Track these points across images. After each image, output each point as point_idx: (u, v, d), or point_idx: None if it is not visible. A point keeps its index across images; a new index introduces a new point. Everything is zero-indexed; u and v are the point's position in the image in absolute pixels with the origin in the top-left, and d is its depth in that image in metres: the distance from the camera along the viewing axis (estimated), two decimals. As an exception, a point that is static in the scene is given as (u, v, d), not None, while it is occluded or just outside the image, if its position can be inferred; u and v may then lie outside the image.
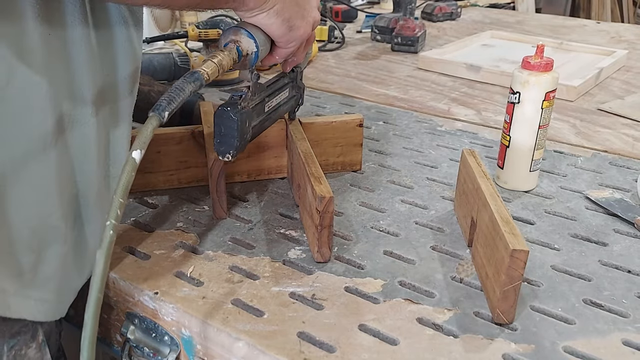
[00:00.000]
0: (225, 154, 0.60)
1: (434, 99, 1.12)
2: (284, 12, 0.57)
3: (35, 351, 0.51)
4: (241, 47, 0.57)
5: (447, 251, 0.65)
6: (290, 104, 0.74)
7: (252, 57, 0.59)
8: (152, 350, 0.59)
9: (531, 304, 0.57)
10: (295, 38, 0.61)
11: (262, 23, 0.58)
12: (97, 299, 0.40)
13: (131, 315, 0.60)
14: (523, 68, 0.73)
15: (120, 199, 0.42)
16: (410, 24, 1.44)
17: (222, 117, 0.59)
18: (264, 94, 0.66)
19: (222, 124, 0.59)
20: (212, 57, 0.55)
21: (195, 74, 0.51)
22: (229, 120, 0.59)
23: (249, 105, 0.61)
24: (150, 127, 0.45)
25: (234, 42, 0.57)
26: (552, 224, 0.71)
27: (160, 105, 0.47)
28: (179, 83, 0.49)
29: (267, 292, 0.58)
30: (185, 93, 0.49)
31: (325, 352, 0.51)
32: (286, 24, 0.58)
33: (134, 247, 0.65)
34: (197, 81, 0.51)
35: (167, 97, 0.47)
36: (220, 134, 0.59)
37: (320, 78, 1.23)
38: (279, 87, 0.70)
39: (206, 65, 0.53)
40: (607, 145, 0.93)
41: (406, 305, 0.56)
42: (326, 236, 0.61)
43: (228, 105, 0.59)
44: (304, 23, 0.61)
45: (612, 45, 1.51)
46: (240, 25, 0.58)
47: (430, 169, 0.84)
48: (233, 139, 0.59)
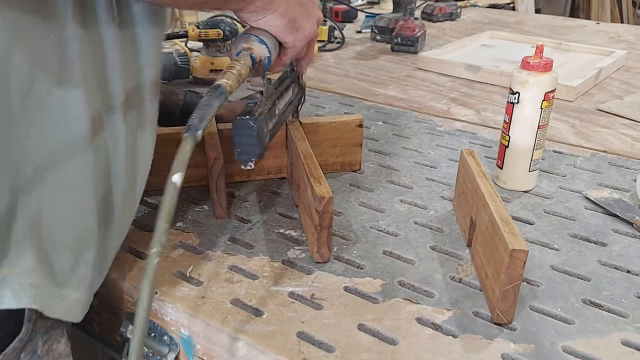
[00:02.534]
0: (247, 162, 0.60)
1: (434, 99, 1.12)
2: (289, 12, 0.58)
3: (64, 346, 0.51)
4: (254, 54, 0.57)
5: (447, 251, 0.65)
6: (295, 103, 0.74)
7: (266, 63, 0.59)
8: (152, 350, 0.59)
9: (530, 304, 0.57)
10: (302, 38, 0.61)
11: (269, 25, 0.58)
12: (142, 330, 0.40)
13: (131, 315, 0.60)
14: (522, 68, 0.73)
15: (164, 224, 0.42)
16: (410, 24, 1.44)
17: (241, 127, 0.59)
18: (274, 97, 0.66)
19: (241, 134, 0.59)
20: (230, 67, 0.54)
21: (219, 89, 0.50)
22: (248, 129, 0.58)
23: (264, 110, 0.62)
24: (188, 148, 0.45)
25: (246, 49, 0.57)
26: (552, 224, 0.71)
27: (192, 125, 0.47)
28: (206, 100, 0.49)
29: (266, 291, 0.58)
30: (214, 108, 0.49)
31: (325, 352, 0.51)
32: (292, 24, 0.59)
33: (133, 247, 0.65)
34: (223, 95, 0.50)
35: (198, 116, 0.47)
36: (241, 144, 0.59)
37: (320, 78, 1.23)
38: (285, 88, 0.70)
39: (227, 77, 0.53)
40: (606, 145, 0.93)
41: (405, 305, 0.56)
42: (325, 237, 0.61)
43: (246, 115, 0.59)
44: (310, 22, 0.61)
45: (611, 45, 1.51)
46: (250, 32, 0.59)
47: (429, 169, 0.84)
48: (254, 147, 0.59)
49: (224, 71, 0.54)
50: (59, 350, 0.51)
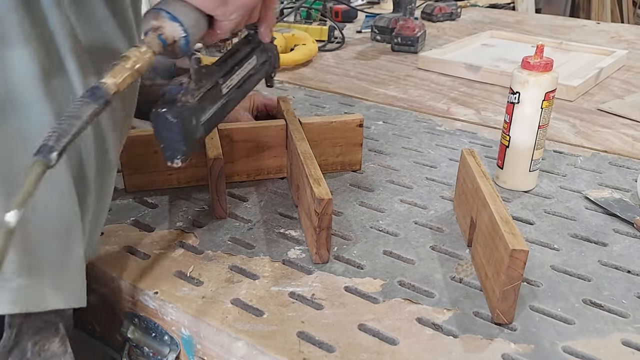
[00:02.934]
0: (174, 160, 0.51)
1: (434, 99, 1.12)
2: None
3: (58, 345, 0.50)
4: (164, 35, 0.47)
5: (447, 251, 0.65)
6: (263, 70, 0.65)
7: (182, 43, 0.48)
8: (152, 350, 0.59)
9: (531, 304, 0.57)
10: (235, 9, 0.51)
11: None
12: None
13: (131, 315, 0.60)
14: (523, 68, 0.73)
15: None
16: (410, 24, 1.44)
17: (158, 120, 0.49)
18: (217, 75, 0.56)
19: (161, 128, 0.50)
20: (124, 59, 0.43)
21: (96, 92, 0.40)
22: (167, 123, 0.49)
23: (195, 97, 0.52)
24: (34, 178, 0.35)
25: (155, 29, 0.47)
26: (552, 224, 0.71)
27: (46, 145, 0.36)
28: (74, 108, 0.38)
29: (266, 291, 0.58)
30: (82, 120, 0.38)
31: (325, 351, 0.51)
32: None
33: (133, 246, 0.65)
34: (100, 100, 0.40)
35: (55, 132, 0.37)
36: (162, 138, 0.50)
37: (320, 78, 1.23)
38: (240, 59, 0.60)
39: (113, 74, 0.42)
40: (606, 145, 0.93)
41: (405, 305, 0.56)
42: (324, 238, 0.60)
43: (164, 107, 0.49)
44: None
45: (612, 45, 1.51)
46: (162, 6, 0.48)
47: (429, 168, 0.84)
48: (178, 143, 0.50)
49: (113, 63, 0.43)
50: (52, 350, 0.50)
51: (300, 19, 1.56)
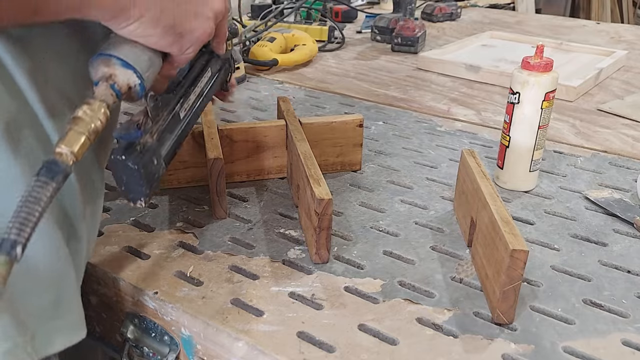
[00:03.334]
0: (137, 201, 0.48)
1: (434, 99, 1.12)
2: (163, 18, 0.44)
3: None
4: (117, 84, 0.44)
5: (447, 251, 0.65)
6: (219, 78, 0.63)
7: (138, 90, 0.45)
8: (152, 350, 0.59)
9: (531, 304, 0.57)
10: (190, 44, 0.49)
11: (137, 37, 0.44)
12: None
13: (131, 315, 0.60)
14: (523, 68, 0.73)
15: None
16: (410, 24, 1.44)
17: (117, 167, 0.46)
18: (173, 102, 0.53)
19: (121, 174, 0.46)
20: (75, 122, 0.40)
21: (53, 167, 0.36)
22: (128, 169, 0.46)
23: (153, 136, 0.49)
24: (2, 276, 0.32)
25: (107, 78, 0.44)
26: (552, 224, 0.71)
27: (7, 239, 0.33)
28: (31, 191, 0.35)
29: (266, 292, 0.58)
30: (43, 202, 0.35)
31: (325, 352, 0.51)
32: (172, 31, 0.46)
33: (133, 247, 0.65)
34: (58, 175, 0.36)
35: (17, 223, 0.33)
36: (124, 182, 0.47)
37: (320, 78, 1.23)
38: (195, 77, 0.57)
39: (66, 142, 0.38)
40: (606, 146, 0.93)
41: (406, 306, 0.56)
42: (324, 238, 0.60)
43: (122, 153, 0.45)
44: (199, 22, 0.48)
45: (612, 45, 1.51)
46: (111, 51, 0.44)
47: (429, 169, 0.84)
48: (141, 187, 0.47)
49: (66, 128, 0.39)
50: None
51: (300, 19, 1.56)
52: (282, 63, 1.25)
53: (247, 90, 1.15)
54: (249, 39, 1.33)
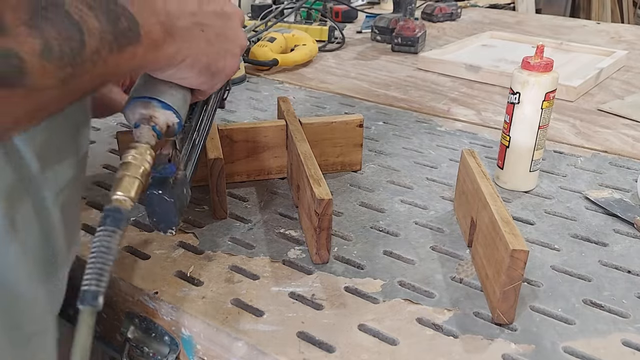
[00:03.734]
0: (168, 230, 0.50)
1: (434, 99, 1.12)
2: (200, 59, 0.46)
3: None
4: (158, 125, 0.46)
5: (447, 251, 0.65)
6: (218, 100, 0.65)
7: (176, 128, 0.48)
8: (152, 350, 0.59)
9: (531, 304, 0.57)
10: (220, 80, 0.51)
11: (175, 79, 0.47)
12: None
13: (131, 315, 0.60)
14: (523, 68, 0.73)
15: None
16: (410, 24, 1.44)
17: (154, 202, 0.48)
18: (191, 132, 0.55)
19: (156, 208, 0.48)
20: (127, 167, 0.42)
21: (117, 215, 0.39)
22: (164, 203, 0.47)
23: (181, 167, 0.51)
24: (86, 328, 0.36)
25: (147, 119, 0.46)
26: (552, 224, 0.71)
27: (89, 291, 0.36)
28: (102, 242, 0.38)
29: (266, 292, 0.58)
30: (114, 250, 0.38)
31: (325, 352, 0.51)
32: (207, 70, 0.48)
33: (133, 247, 0.65)
34: (123, 222, 0.39)
35: (94, 276, 0.37)
36: (157, 214, 0.48)
37: (320, 78, 1.23)
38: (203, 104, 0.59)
39: (123, 189, 0.40)
40: (607, 146, 0.93)
41: (406, 306, 0.56)
42: (324, 238, 0.60)
43: (159, 188, 0.47)
44: (228, 60, 0.51)
45: (612, 45, 1.51)
46: (149, 94, 0.46)
47: (429, 169, 0.84)
48: (174, 217, 0.49)
49: (118, 174, 0.41)
50: None
51: (300, 19, 1.56)
52: (282, 63, 1.25)
53: (247, 91, 1.15)
54: (249, 39, 1.33)
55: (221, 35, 0.49)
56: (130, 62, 0.38)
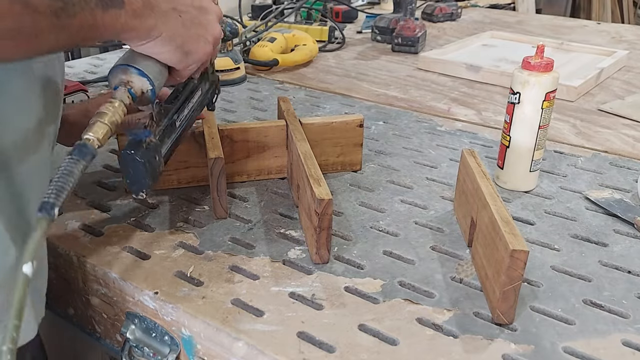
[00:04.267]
0: (139, 193, 0.56)
1: (434, 99, 1.12)
2: (175, 38, 0.53)
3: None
4: (134, 89, 0.53)
5: (447, 251, 0.65)
6: (206, 99, 0.70)
7: (149, 95, 0.54)
8: (152, 350, 0.59)
9: (531, 304, 0.57)
10: (193, 62, 0.57)
11: (152, 52, 0.53)
12: None
13: (131, 315, 0.60)
14: (523, 68, 0.73)
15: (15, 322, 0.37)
16: (410, 24, 1.44)
17: (127, 161, 0.53)
18: (172, 112, 0.61)
19: (129, 167, 0.54)
20: (100, 115, 0.48)
21: (83, 149, 0.45)
22: (135, 163, 0.53)
23: (156, 137, 0.57)
24: (40, 232, 0.40)
25: (125, 83, 0.52)
26: (552, 225, 0.71)
27: (47, 202, 0.41)
28: (67, 165, 0.43)
29: (266, 292, 0.58)
30: (76, 175, 0.43)
31: (325, 352, 0.51)
32: (180, 49, 0.54)
33: (134, 247, 0.65)
34: (88, 156, 0.45)
35: (54, 189, 0.41)
36: (130, 175, 0.54)
37: (321, 78, 1.23)
38: (188, 94, 0.65)
39: (94, 130, 0.47)
40: (607, 146, 0.93)
41: (406, 306, 0.56)
42: (325, 238, 0.60)
43: (131, 148, 0.53)
44: (201, 45, 0.57)
45: (613, 45, 1.51)
46: (128, 62, 0.53)
47: (430, 169, 0.84)
48: (144, 179, 0.54)
49: (91, 120, 0.48)
50: None
51: (300, 20, 1.56)
52: (282, 63, 1.25)
53: (248, 91, 1.15)
54: (250, 39, 1.33)
55: (196, 22, 0.56)
56: (114, 24, 0.45)
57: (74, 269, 0.64)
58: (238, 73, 1.18)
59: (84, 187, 0.76)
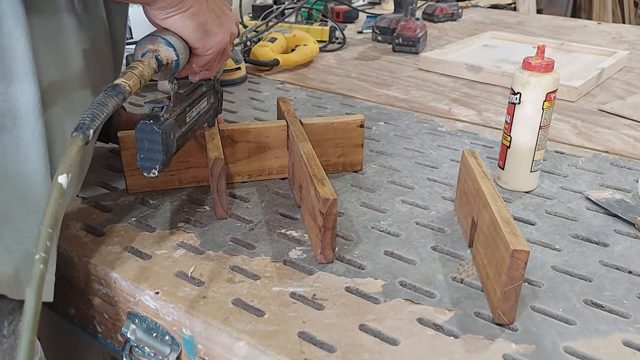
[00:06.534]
0: (151, 170, 0.57)
1: (435, 100, 1.12)
2: (199, 15, 0.57)
3: None
4: (160, 57, 0.55)
5: (448, 251, 0.65)
6: (210, 112, 0.72)
7: (173, 66, 0.57)
8: (153, 350, 0.59)
9: (532, 304, 0.57)
10: (213, 44, 0.60)
11: (177, 26, 0.56)
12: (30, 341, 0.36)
13: (132, 314, 0.60)
14: (524, 69, 0.73)
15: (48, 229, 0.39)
16: (411, 24, 1.44)
17: (144, 130, 0.56)
18: (185, 104, 0.63)
19: (145, 138, 0.56)
20: (132, 68, 0.52)
21: (116, 88, 0.49)
22: (153, 133, 0.55)
23: (171, 116, 0.59)
24: (75, 148, 0.44)
25: (152, 51, 0.55)
26: (553, 225, 0.71)
27: (83, 123, 0.45)
28: (101, 98, 0.48)
29: (267, 292, 0.58)
30: (109, 108, 0.47)
31: (326, 352, 0.51)
32: (202, 27, 0.58)
33: (135, 247, 0.65)
34: (120, 94, 0.49)
35: (90, 114, 0.46)
36: (144, 149, 0.56)
37: (321, 78, 1.24)
38: (198, 97, 0.68)
39: (126, 77, 0.51)
40: (607, 146, 0.93)
41: (407, 306, 0.56)
42: (329, 238, 0.61)
43: (150, 118, 0.56)
44: (222, 30, 0.60)
45: (613, 45, 1.51)
46: (157, 34, 0.56)
47: (431, 169, 0.84)
48: (158, 153, 0.56)
49: (124, 71, 0.52)
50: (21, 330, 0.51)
51: (301, 20, 1.56)
52: (283, 63, 1.25)
53: (249, 91, 1.15)
54: (250, 39, 1.33)
55: (218, 10, 0.60)
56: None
57: (75, 269, 0.64)
58: (239, 73, 1.18)
59: (85, 187, 0.76)
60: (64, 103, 0.55)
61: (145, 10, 0.56)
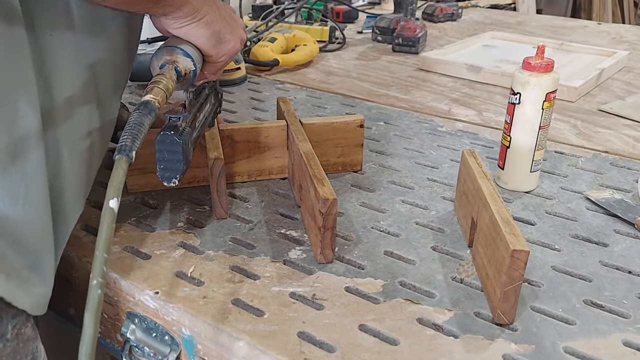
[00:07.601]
0: (172, 179, 0.57)
1: (435, 100, 1.12)
2: (213, 24, 0.58)
3: (31, 330, 0.53)
4: (179, 68, 0.56)
5: (448, 251, 0.65)
6: (212, 113, 0.73)
7: (191, 76, 0.58)
8: (153, 350, 0.59)
9: (532, 304, 0.57)
10: (225, 52, 0.61)
11: (191, 35, 0.57)
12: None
13: (132, 314, 0.60)
14: (524, 69, 0.73)
15: (104, 255, 0.40)
16: (411, 24, 1.44)
17: (164, 142, 0.56)
18: (194, 109, 0.64)
19: (165, 150, 0.56)
20: (156, 82, 0.53)
21: (148, 105, 0.50)
22: (174, 144, 0.56)
23: (188, 124, 0.60)
24: (122, 172, 0.45)
25: (171, 62, 0.56)
26: (553, 225, 0.71)
27: (125, 146, 0.46)
28: (137, 118, 0.48)
29: (267, 292, 0.58)
30: (145, 127, 0.48)
31: (326, 352, 0.51)
32: (216, 35, 0.59)
33: (134, 247, 0.65)
34: (152, 112, 0.49)
35: (129, 136, 0.46)
36: (164, 160, 0.56)
37: (321, 78, 1.24)
38: (204, 99, 0.68)
39: (154, 93, 0.51)
40: (607, 146, 0.93)
41: (406, 306, 0.56)
42: (329, 238, 0.61)
43: (170, 129, 0.56)
44: (233, 37, 0.61)
45: (613, 46, 1.51)
46: (173, 44, 0.57)
47: (430, 169, 0.84)
48: (179, 163, 0.56)
49: (149, 86, 0.52)
50: (27, 334, 0.52)
51: (301, 20, 1.56)
52: (283, 63, 1.25)
53: (248, 91, 1.15)
54: (250, 39, 1.33)
55: (229, 18, 0.61)
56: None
57: (74, 269, 0.64)
58: (239, 73, 1.18)
59: (85, 187, 0.76)
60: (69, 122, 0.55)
61: (157, 19, 0.56)
